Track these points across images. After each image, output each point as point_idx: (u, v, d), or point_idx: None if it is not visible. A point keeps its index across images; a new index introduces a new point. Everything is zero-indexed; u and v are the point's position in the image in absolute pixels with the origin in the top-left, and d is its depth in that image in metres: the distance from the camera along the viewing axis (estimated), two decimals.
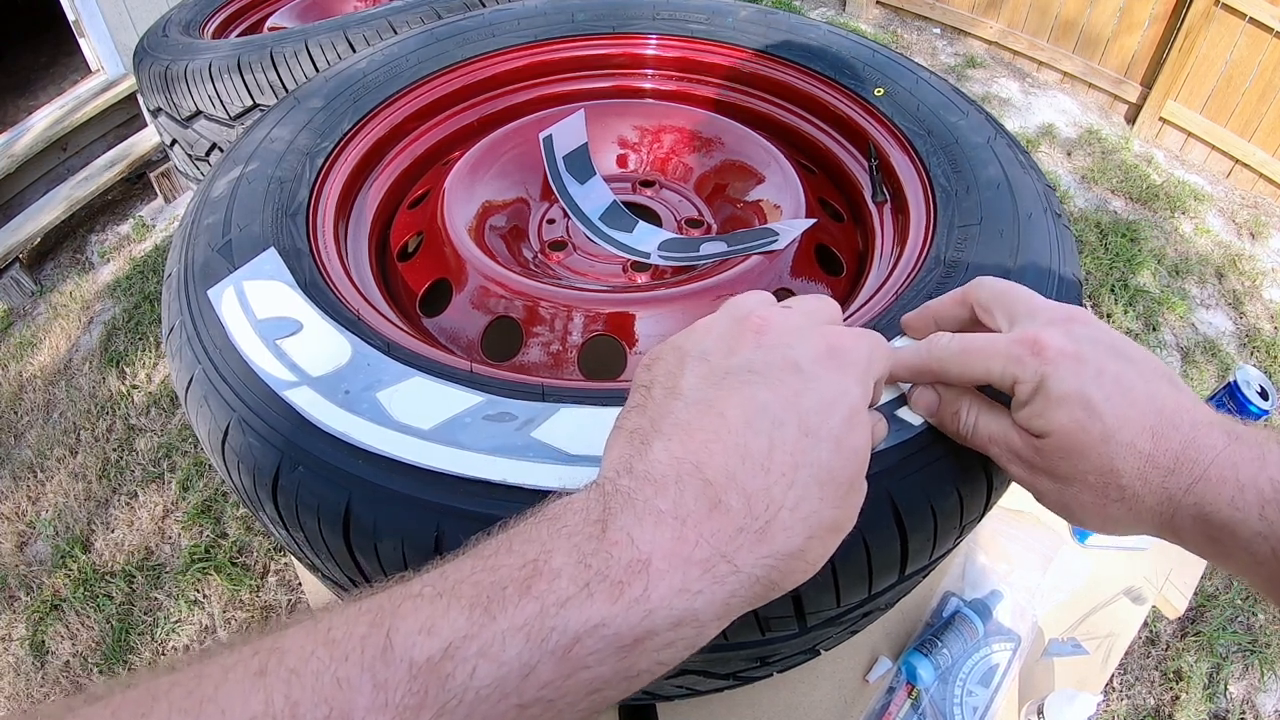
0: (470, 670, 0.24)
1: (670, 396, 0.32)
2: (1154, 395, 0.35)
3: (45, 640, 1.62)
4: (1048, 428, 0.36)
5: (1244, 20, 2.63)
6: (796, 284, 0.68)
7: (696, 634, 0.27)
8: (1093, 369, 0.35)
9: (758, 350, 0.33)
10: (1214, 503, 0.32)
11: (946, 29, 3.66)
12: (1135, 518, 0.35)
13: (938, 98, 0.76)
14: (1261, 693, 1.53)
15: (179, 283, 0.59)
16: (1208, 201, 2.83)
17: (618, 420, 0.34)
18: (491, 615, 0.25)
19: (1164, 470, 0.34)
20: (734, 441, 0.29)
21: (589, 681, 0.26)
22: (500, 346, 0.64)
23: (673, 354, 0.34)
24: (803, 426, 0.30)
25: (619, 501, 0.28)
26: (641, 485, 0.28)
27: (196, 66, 1.43)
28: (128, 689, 0.23)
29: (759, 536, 0.28)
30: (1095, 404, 0.34)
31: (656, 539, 0.27)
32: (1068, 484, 0.36)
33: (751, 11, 0.91)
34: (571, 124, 0.84)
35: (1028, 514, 0.91)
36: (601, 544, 0.27)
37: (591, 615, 0.25)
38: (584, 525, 0.27)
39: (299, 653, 0.24)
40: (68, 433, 2.03)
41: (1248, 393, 0.86)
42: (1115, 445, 0.34)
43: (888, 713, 0.73)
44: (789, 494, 0.29)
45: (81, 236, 2.74)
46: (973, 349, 0.39)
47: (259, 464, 0.47)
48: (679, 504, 0.28)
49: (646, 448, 0.30)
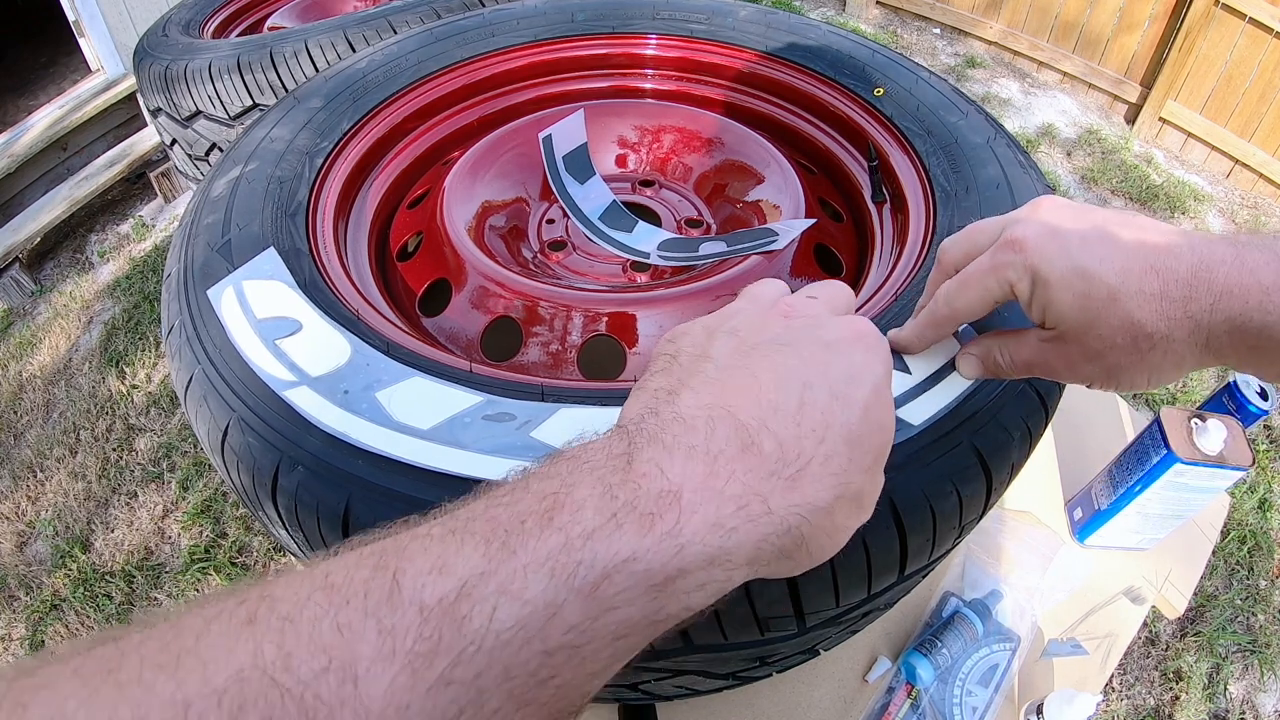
0: (489, 611, 0.21)
1: (699, 360, 0.31)
2: (1142, 236, 0.35)
3: (45, 640, 1.62)
4: (1059, 312, 0.36)
5: (1244, 20, 2.63)
6: (796, 284, 0.68)
7: (727, 577, 0.26)
8: (1074, 238, 0.35)
9: (787, 329, 0.33)
10: (1243, 312, 0.32)
11: (946, 29, 3.66)
12: (1177, 358, 0.35)
13: (937, 98, 0.76)
14: (1261, 693, 1.53)
15: (179, 282, 0.59)
16: (1207, 202, 2.83)
17: (639, 384, 0.32)
18: (510, 550, 0.22)
19: (1181, 300, 0.33)
20: (766, 397, 0.29)
21: (617, 625, 0.23)
22: (500, 346, 0.64)
23: (699, 330, 0.34)
24: (832, 390, 0.29)
25: (644, 438, 0.27)
26: (669, 424, 0.27)
27: (196, 66, 1.43)
28: (94, 646, 0.20)
29: (791, 483, 0.27)
30: (1090, 269, 0.34)
31: (688, 471, 0.25)
32: (1104, 356, 0.36)
33: (751, 11, 0.91)
34: (571, 124, 0.84)
35: (1028, 514, 0.91)
36: (629, 475, 0.25)
37: (621, 548, 0.23)
38: (607, 459, 0.26)
39: (292, 599, 0.21)
40: (67, 432, 2.03)
41: (1247, 393, 0.86)
42: (1125, 298, 0.34)
43: (887, 713, 0.73)
44: (820, 448, 0.28)
45: (81, 236, 2.73)
46: (967, 277, 0.39)
47: (259, 464, 0.47)
48: (710, 440, 0.27)
49: (674, 396, 0.29)
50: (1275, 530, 1.78)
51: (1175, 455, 0.74)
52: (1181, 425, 0.76)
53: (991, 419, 0.48)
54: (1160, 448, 0.76)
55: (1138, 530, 0.86)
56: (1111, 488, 0.84)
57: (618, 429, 0.28)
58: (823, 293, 0.37)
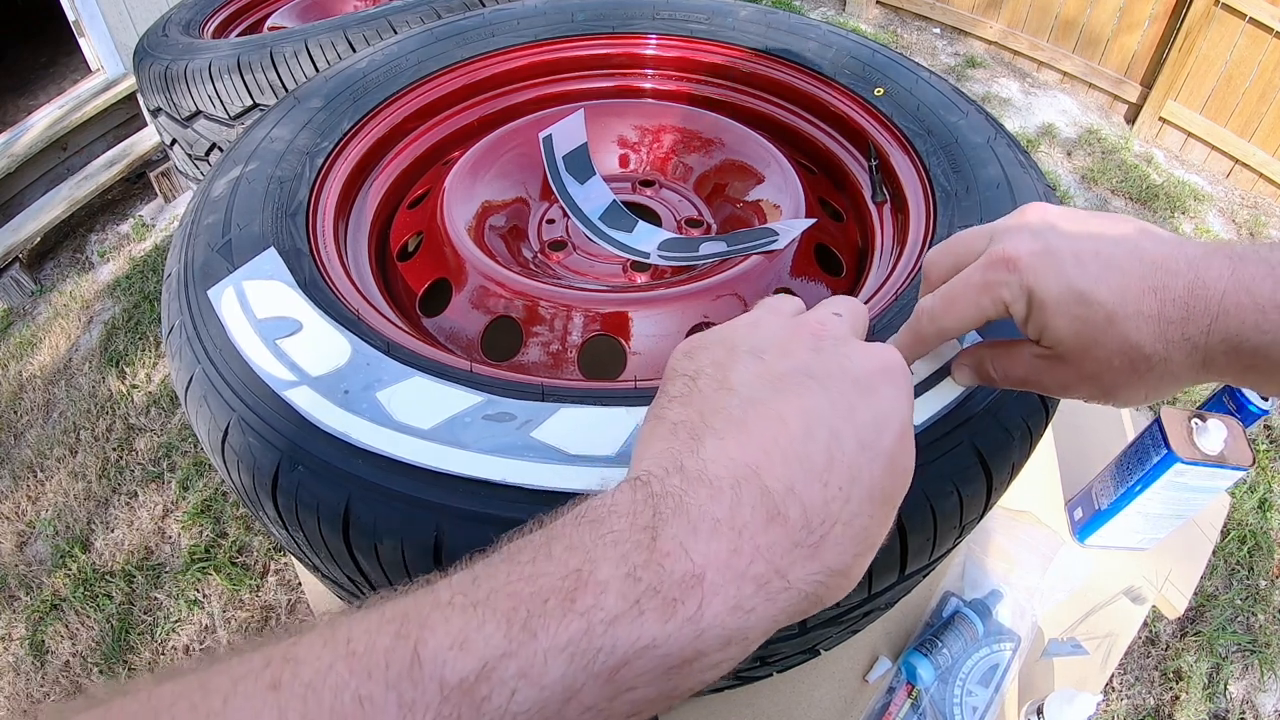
0: (509, 694, 0.22)
1: (721, 389, 0.30)
2: (1137, 253, 0.34)
3: (45, 640, 1.62)
4: (1055, 334, 0.35)
5: (1244, 20, 2.63)
6: (796, 284, 0.68)
7: (742, 652, 0.26)
8: (1069, 257, 0.34)
9: (815, 355, 0.31)
10: (1239, 333, 0.32)
11: (946, 29, 3.66)
12: (1174, 376, 0.34)
13: (938, 98, 0.76)
14: (1261, 693, 1.53)
15: (179, 282, 0.59)
16: (1208, 201, 2.83)
17: (654, 410, 0.32)
18: (532, 632, 0.23)
19: (1179, 322, 0.33)
20: (794, 450, 0.28)
21: (632, 703, 0.24)
22: (500, 346, 0.64)
23: (720, 346, 0.33)
24: (860, 440, 0.29)
25: (670, 505, 0.26)
26: (694, 487, 0.27)
27: (196, 66, 1.43)
28: (126, 695, 0.21)
29: (812, 551, 0.27)
30: (1086, 291, 0.34)
31: (711, 550, 0.25)
32: (1100, 377, 0.36)
33: (751, 11, 0.91)
34: (571, 124, 0.84)
35: (1028, 514, 0.91)
36: (653, 554, 0.25)
37: (642, 635, 0.23)
38: (632, 532, 0.25)
39: (315, 664, 0.21)
40: (67, 432, 2.03)
41: (1247, 393, 0.86)
42: (1122, 320, 0.33)
43: (888, 713, 0.73)
44: (845, 509, 0.28)
45: (81, 236, 2.73)
46: (954, 295, 0.38)
47: (259, 464, 0.47)
48: (735, 512, 0.26)
49: (698, 444, 0.28)
50: (1275, 530, 1.78)
51: (1175, 455, 0.74)
52: (1182, 425, 0.76)
53: (991, 419, 0.48)
54: (1160, 447, 0.76)
55: (1138, 530, 0.86)
56: (1112, 488, 0.84)
57: (641, 484, 0.27)
58: (846, 310, 0.36)
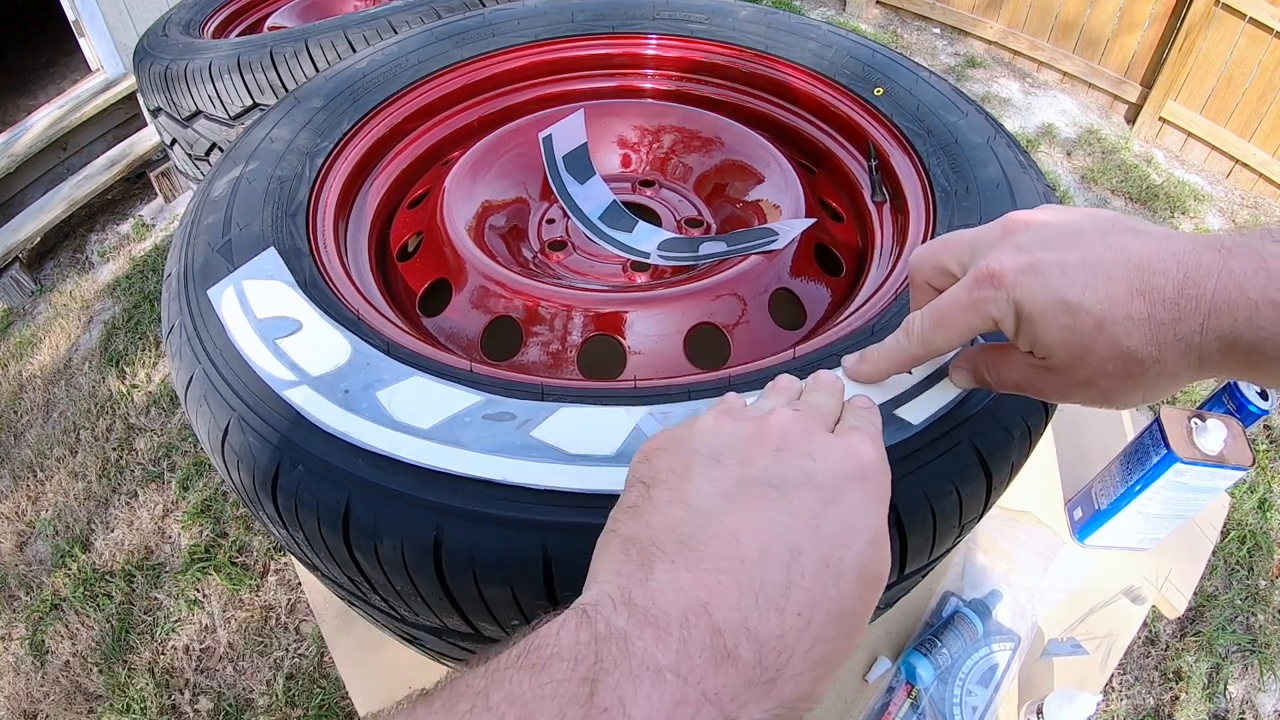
0: None
1: (674, 503, 0.30)
2: (1123, 256, 0.33)
3: (45, 640, 1.62)
4: (1046, 345, 0.35)
5: (1244, 20, 2.63)
6: (796, 283, 0.68)
7: None
8: (1054, 267, 0.34)
9: (777, 460, 0.30)
10: (1233, 330, 0.31)
11: (946, 29, 3.66)
12: (1170, 377, 0.34)
13: (937, 98, 0.76)
14: (1261, 693, 1.53)
15: (179, 282, 0.59)
16: (1208, 201, 2.83)
17: (611, 519, 0.31)
18: None
19: (1170, 323, 0.32)
20: (748, 576, 0.27)
21: None
22: (500, 346, 0.64)
23: (677, 450, 0.32)
24: (824, 556, 0.28)
25: (613, 651, 0.25)
26: (640, 628, 0.25)
27: (196, 66, 1.43)
28: None
29: (767, 689, 0.25)
30: (1073, 300, 0.33)
31: (654, 702, 0.24)
32: (1095, 383, 0.35)
33: (751, 11, 0.91)
34: (571, 124, 0.84)
35: (1028, 514, 0.91)
36: (589, 711, 0.24)
37: None
38: (571, 683, 0.24)
39: None
40: (67, 432, 2.03)
41: (1247, 392, 0.86)
42: (1112, 325, 0.33)
43: (887, 712, 0.73)
44: (804, 636, 0.26)
45: (81, 236, 2.73)
46: (943, 314, 0.38)
47: (259, 463, 0.48)
48: (682, 657, 0.25)
49: (648, 572, 0.27)
50: (1275, 530, 1.78)
51: (1175, 455, 0.74)
52: (1181, 425, 0.76)
53: (991, 419, 0.48)
54: (1160, 447, 0.76)
55: (1138, 530, 0.86)
56: (1111, 487, 0.84)
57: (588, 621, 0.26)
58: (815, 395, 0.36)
